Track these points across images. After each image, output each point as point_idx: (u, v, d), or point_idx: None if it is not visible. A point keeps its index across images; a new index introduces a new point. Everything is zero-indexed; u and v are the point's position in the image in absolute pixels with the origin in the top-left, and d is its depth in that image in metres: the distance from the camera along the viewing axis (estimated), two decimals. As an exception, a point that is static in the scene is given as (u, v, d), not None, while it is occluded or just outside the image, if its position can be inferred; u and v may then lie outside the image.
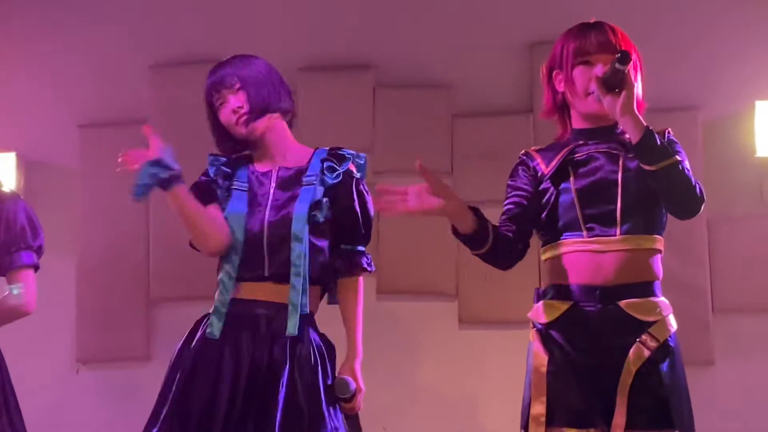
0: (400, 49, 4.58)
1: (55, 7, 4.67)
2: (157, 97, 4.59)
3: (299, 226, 2.74)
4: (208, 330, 2.73)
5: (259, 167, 2.89)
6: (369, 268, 2.98)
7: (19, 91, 4.60)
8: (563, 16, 4.34)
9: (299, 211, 2.78)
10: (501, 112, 4.54)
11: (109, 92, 4.65)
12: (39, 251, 3.23)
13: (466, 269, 4.45)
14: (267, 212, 2.78)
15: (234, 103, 2.85)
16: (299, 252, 2.71)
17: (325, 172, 2.83)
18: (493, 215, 2.72)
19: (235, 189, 2.83)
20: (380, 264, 4.48)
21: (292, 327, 2.70)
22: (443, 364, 4.44)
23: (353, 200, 2.91)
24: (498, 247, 2.58)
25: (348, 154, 2.91)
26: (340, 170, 2.84)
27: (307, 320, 2.80)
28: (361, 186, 2.94)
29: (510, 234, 2.61)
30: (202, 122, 3.01)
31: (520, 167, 2.68)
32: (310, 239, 2.76)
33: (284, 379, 2.66)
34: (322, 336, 2.86)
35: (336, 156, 2.89)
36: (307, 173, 2.86)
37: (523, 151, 2.72)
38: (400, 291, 4.49)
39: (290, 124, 3.02)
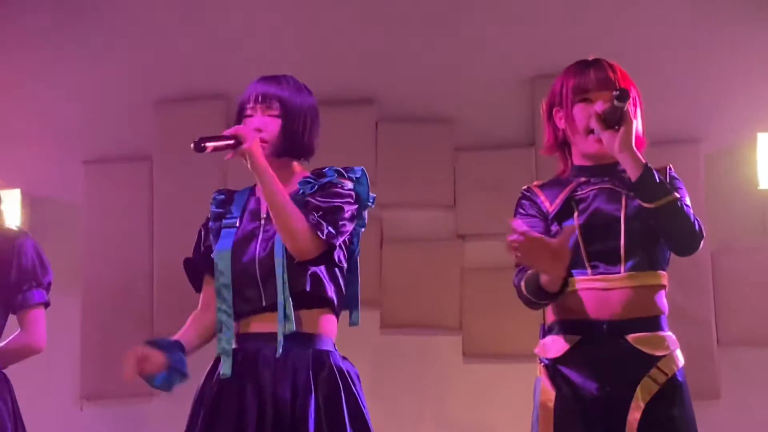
0: (403, 83, 4.60)
1: (59, 43, 4.70)
2: (161, 133, 4.62)
3: (279, 247, 2.64)
4: (222, 372, 2.65)
5: (260, 193, 2.73)
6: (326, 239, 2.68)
7: (23, 128, 4.63)
8: (565, 49, 4.39)
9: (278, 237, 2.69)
10: (503, 146, 4.55)
11: (113, 128, 4.67)
12: (48, 288, 3.25)
13: (470, 302, 4.45)
14: (258, 245, 2.68)
15: (260, 124, 2.69)
16: (280, 273, 2.63)
17: (304, 190, 2.69)
18: (496, 248, 2.72)
19: (224, 227, 2.74)
20: (383, 298, 4.48)
21: (280, 348, 2.61)
22: (447, 398, 4.43)
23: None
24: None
25: (330, 170, 2.72)
26: (317, 183, 2.69)
27: (325, 344, 2.69)
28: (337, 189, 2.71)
29: None
30: (206, 159, 3.01)
31: (526, 202, 2.68)
32: (290, 261, 2.63)
33: (311, 409, 2.58)
34: (344, 359, 2.75)
35: (316, 173, 2.73)
36: (294, 197, 2.71)
37: (525, 187, 2.72)
38: (404, 325, 4.48)
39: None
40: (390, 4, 4.63)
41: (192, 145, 2.51)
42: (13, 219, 4.10)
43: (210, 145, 2.53)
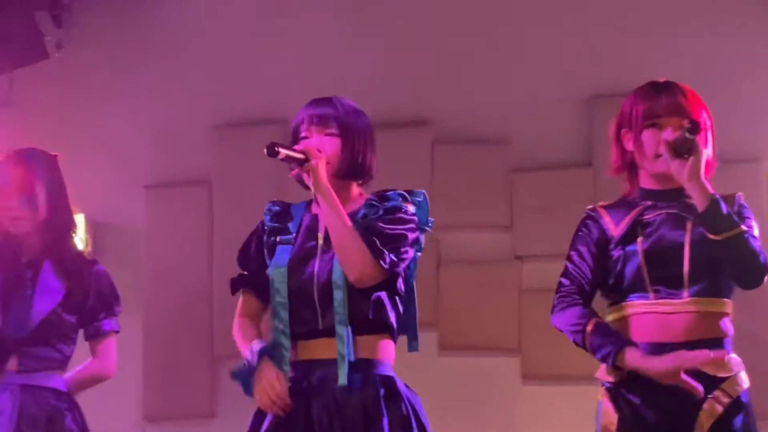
0: (458, 104, 4.61)
1: (119, 69, 4.79)
2: (220, 158, 4.68)
3: (338, 273, 2.56)
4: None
5: (317, 210, 2.67)
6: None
7: (85, 154, 4.71)
8: (622, 68, 4.38)
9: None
10: (560, 166, 4.53)
11: (173, 153, 4.74)
12: (118, 316, 3.33)
13: (528, 324, 4.43)
14: (317, 266, 2.60)
15: (318, 145, 2.61)
16: (340, 299, 2.54)
17: (368, 214, 2.61)
18: (554, 269, 2.71)
19: (280, 243, 2.65)
20: (441, 320, 4.47)
21: (342, 377, 2.50)
22: (506, 420, 4.40)
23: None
24: None
25: (395, 194, 2.64)
26: (381, 207, 2.61)
27: (387, 370, 2.61)
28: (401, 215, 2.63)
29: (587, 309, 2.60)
30: (264, 182, 3.04)
31: (590, 222, 2.66)
32: (349, 286, 2.55)
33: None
34: (407, 387, 2.66)
35: (380, 197, 2.65)
36: (355, 218, 2.63)
37: (590, 207, 2.70)
38: (462, 347, 4.47)
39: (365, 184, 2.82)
40: (444, 26, 4.65)
41: (265, 149, 2.48)
42: (79, 244, 4.19)
43: (283, 151, 2.51)
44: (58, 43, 4.40)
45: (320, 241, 2.62)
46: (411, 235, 2.60)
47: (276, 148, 2.50)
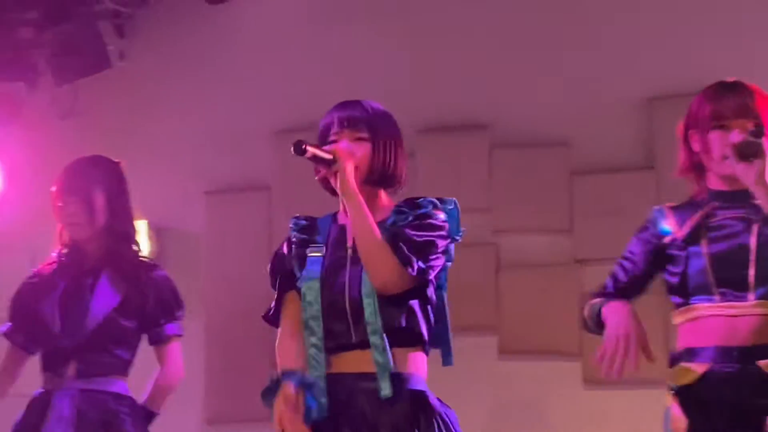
0: (516, 107, 4.59)
1: (180, 77, 4.85)
2: (280, 163, 4.71)
3: (368, 284, 2.45)
4: (314, 415, 2.44)
5: (344, 220, 2.58)
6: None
7: (147, 161, 4.77)
8: (683, 69, 4.32)
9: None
10: (621, 169, 4.49)
11: (233, 159, 4.79)
12: (181, 319, 3.35)
13: (589, 328, 4.39)
14: (348, 276, 2.49)
15: (348, 149, 2.51)
16: (371, 310, 2.44)
17: (397, 221, 2.51)
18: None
19: (310, 255, 2.55)
20: (501, 324, 4.45)
21: (386, 388, 2.41)
22: (568, 426, 4.36)
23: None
24: None
25: (425, 201, 2.53)
26: (410, 214, 2.50)
27: (419, 384, 2.51)
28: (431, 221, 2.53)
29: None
30: (322, 188, 3.04)
31: (649, 225, 2.65)
32: (379, 295, 2.45)
33: None
34: (440, 402, 2.55)
35: (409, 203, 2.54)
36: (384, 226, 2.53)
37: (657, 207, 2.68)
38: (522, 351, 4.44)
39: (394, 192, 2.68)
40: (501, 28, 4.63)
41: (292, 147, 2.42)
42: (142, 250, 4.25)
43: (311, 150, 2.44)
44: (121, 53, 4.48)
45: (349, 252, 2.52)
46: (441, 243, 2.50)
47: (303, 146, 2.43)
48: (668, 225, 2.61)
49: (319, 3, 4.74)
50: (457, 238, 2.57)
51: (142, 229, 4.59)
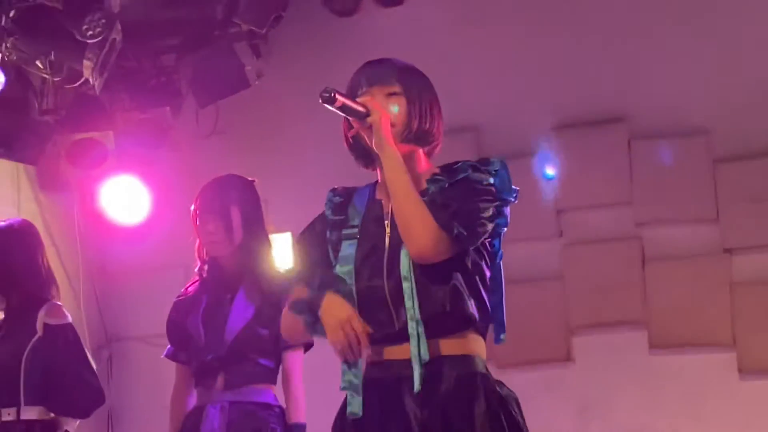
0: (653, 97, 4.51)
1: (315, 91, 4.93)
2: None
3: (406, 263, 2.22)
4: (349, 410, 2.24)
5: (381, 196, 2.34)
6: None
7: (287, 174, 4.86)
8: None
9: (404, 247, 2.25)
10: (765, 154, 4.35)
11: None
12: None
13: (744, 317, 4.27)
14: (385, 259, 2.26)
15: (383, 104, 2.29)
16: (409, 292, 2.20)
17: (433, 188, 2.26)
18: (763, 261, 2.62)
19: (345, 239, 2.31)
20: (650, 318, 4.38)
21: (417, 382, 2.17)
22: (725, 418, 4.25)
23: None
24: None
25: (464, 165, 2.28)
26: (447, 181, 2.26)
27: (474, 366, 2.25)
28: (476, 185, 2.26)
29: None
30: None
31: None
32: (418, 275, 2.22)
33: None
34: (500, 383, 2.29)
35: (447, 169, 2.30)
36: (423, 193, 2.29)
37: None
38: (674, 345, 4.36)
39: (430, 153, 2.40)
40: (636, 19, 4.56)
41: (320, 96, 2.21)
42: (285, 261, 4.35)
43: (341, 99, 2.21)
44: (258, 72, 4.60)
45: (387, 230, 2.28)
46: (485, 206, 2.23)
47: (333, 94, 2.20)
48: None
49: (447, 9, 4.76)
50: (511, 199, 2.29)
51: (286, 240, 4.71)
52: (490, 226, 2.24)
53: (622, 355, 4.36)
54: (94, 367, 3.51)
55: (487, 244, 2.29)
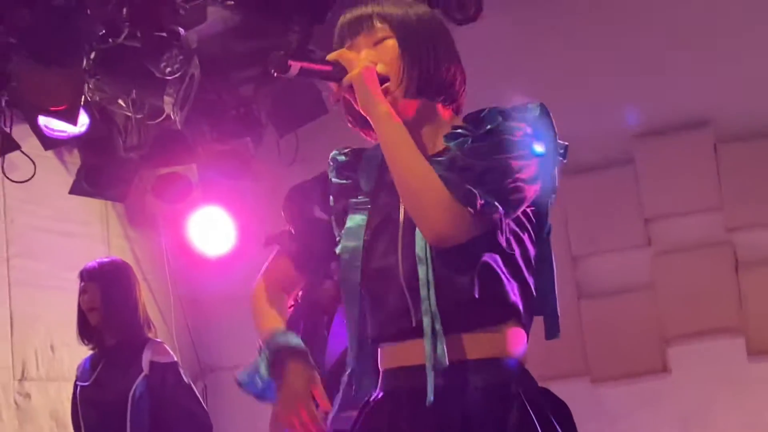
0: (738, 99, 4.41)
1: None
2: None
3: (421, 242, 1.74)
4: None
5: None
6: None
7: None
8: None
9: None
10: None
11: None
12: None
13: None
14: (401, 235, 1.79)
15: (367, 57, 1.83)
16: (423, 278, 1.72)
17: (453, 148, 1.78)
18: None
19: (352, 210, 1.86)
20: (747, 324, 4.27)
21: (430, 392, 1.70)
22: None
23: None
24: None
25: (492, 112, 1.79)
26: (469, 136, 1.76)
27: (509, 369, 1.78)
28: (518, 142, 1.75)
29: None
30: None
31: None
32: (437, 256, 1.74)
33: None
34: (545, 390, 1.82)
35: (471, 120, 1.81)
36: (438, 162, 1.80)
37: None
38: (773, 351, 4.24)
39: (458, 110, 1.90)
40: (713, 20, 4.47)
41: (269, 64, 1.79)
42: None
43: (297, 64, 1.77)
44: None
45: (402, 205, 1.81)
46: (521, 164, 1.73)
47: (287, 62, 1.77)
48: None
49: (522, 23, 4.72)
50: (560, 157, 1.83)
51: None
52: (529, 191, 1.75)
53: (719, 364, 4.25)
54: (203, 403, 3.58)
55: (531, 213, 1.81)
